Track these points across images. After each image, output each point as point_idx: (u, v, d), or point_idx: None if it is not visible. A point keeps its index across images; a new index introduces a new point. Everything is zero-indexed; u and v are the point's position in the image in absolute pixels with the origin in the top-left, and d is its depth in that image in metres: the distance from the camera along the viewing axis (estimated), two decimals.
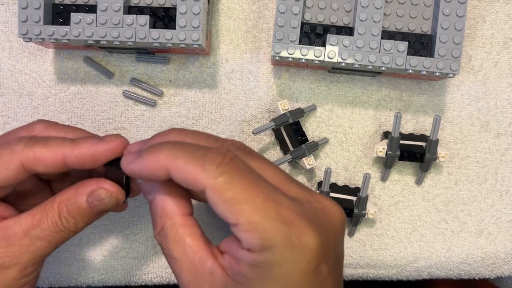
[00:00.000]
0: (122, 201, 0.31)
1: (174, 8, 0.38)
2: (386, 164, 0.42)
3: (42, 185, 0.34)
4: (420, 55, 0.38)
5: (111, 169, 0.30)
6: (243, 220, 0.25)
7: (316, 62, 0.38)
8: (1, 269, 0.29)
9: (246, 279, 0.26)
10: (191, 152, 0.26)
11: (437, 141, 0.41)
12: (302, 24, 0.38)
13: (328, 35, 0.37)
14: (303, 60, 0.38)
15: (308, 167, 0.40)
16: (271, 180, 0.28)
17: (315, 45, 0.38)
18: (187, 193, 0.29)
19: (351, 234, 0.43)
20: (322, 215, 0.28)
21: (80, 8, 0.38)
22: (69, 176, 0.35)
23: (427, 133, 0.43)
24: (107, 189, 0.30)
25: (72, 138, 0.30)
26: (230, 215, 0.25)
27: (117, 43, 0.37)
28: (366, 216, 0.41)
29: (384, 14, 0.39)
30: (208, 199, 0.26)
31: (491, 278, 0.46)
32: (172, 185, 0.28)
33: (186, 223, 0.28)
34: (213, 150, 0.26)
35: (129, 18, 0.37)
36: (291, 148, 0.41)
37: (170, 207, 0.28)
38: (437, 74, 0.38)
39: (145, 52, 0.42)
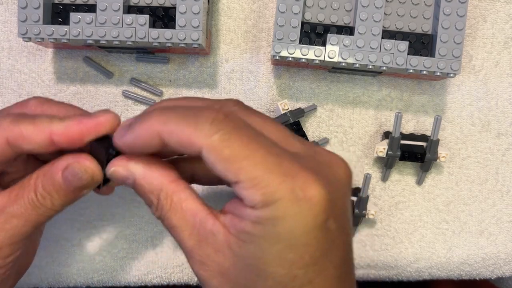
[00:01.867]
0: (98, 178, 0.29)
1: (173, 8, 0.38)
2: (386, 164, 0.42)
3: (38, 163, 0.32)
4: (421, 55, 0.38)
5: (95, 145, 0.29)
6: (243, 177, 0.24)
7: (317, 61, 0.37)
8: None
9: (250, 236, 0.25)
10: (181, 113, 0.25)
11: (437, 141, 0.40)
12: (302, 23, 0.38)
13: (329, 35, 0.37)
14: (303, 60, 0.38)
15: None
16: (271, 136, 0.27)
17: (316, 45, 0.38)
18: (167, 162, 0.28)
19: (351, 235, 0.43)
20: (327, 169, 0.27)
21: (79, 8, 0.38)
22: None
23: (428, 133, 0.43)
24: (82, 163, 0.28)
25: (60, 117, 0.29)
26: (230, 174, 0.24)
27: (117, 42, 0.37)
28: (366, 217, 0.41)
29: (385, 13, 0.38)
30: (205, 160, 0.24)
31: (492, 278, 0.46)
32: (149, 159, 0.28)
33: (178, 189, 0.27)
34: (205, 108, 0.25)
35: (129, 18, 0.37)
36: None
37: (156, 180, 0.27)
38: (438, 74, 0.37)
39: (144, 52, 0.42)
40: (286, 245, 0.24)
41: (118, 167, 0.28)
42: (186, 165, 0.31)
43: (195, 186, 0.30)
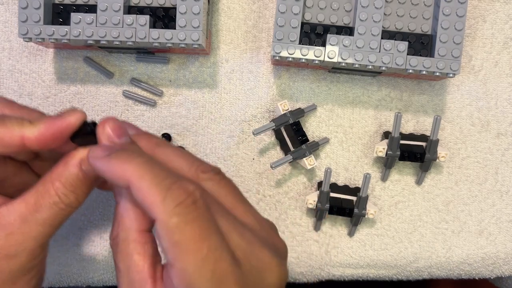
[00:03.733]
0: None
1: (174, 8, 0.38)
2: (386, 164, 0.42)
3: (18, 165, 0.33)
4: (420, 55, 0.38)
5: (83, 139, 0.29)
6: (178, 266, 0.25)
7: (316, 62, 0.38)
8: (9, 259, 0.29)
9: None
10: (158, 178, 0.26)
11: (437, 141, 0.41)
12: (302, 24, 0.38)
13: (328, 35, 0.37)
14: (303, 60, 0.38)
15: (309, 167, 0.40)
16: (226, 222, 0.28)
17: (315, 45, 0.38)
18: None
19: (351, 234, 0.43)
20: (257, 279, 0.28)
21: (80, 8, 0.38)
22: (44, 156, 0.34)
23: (427, 133, 0.43)
24: (94, 153, 0.29)
25: (29, 120, 0.29)
26: (169, 255, 0.25)
27: (117, 43, 0.37)
28: (366, 216, 0.41)
29: (384, 14, 0.39)
30: (156, 228, 0.26)
31: (491, 278, 0.46)
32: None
33: (139, 240, 0.28)
34: (180, 184, 0.26)
35: (129, 18, 0.37)
36: (291, 148, 0.41)
37: (128, 219, 0.28)
38: (437, 74, 0.38)
39: (145, 52, 0.42)
40: None
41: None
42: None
43: None
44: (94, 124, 0.29)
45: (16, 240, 0.29)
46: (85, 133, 0.29)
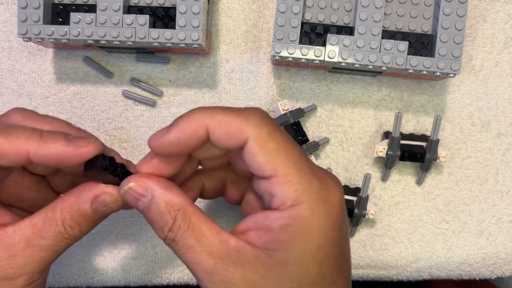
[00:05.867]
0: (124, 204, 0.30)
1: (174, 8, 0.38)
2: (386, 164, 0.42)
3: (36, 180, 0.33)
4: (421, 55, 0.38)
5: (96, 172, 0.29)
6: (280, 172, 0.26)
7: (317, 61, 0.37)
8: (7, 281, 0.28)
9: (280, 243, 0.26)
10: (228, 109, 0.27)
11: (437, 141, 0.40)
12: (302, 23, 0.38)
13: (329, 35, 0.37)
14: (303, 60, 0.38)
15: None
16: None
17: (316, 45, 0.38)
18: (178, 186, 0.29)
19: (351, 235, 0.43)
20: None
21: (79, 8, 0.38)
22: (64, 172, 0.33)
23: (428, 133, 0.43)
24: (111, 194, 0.29)
25: (41, 131, 0.28)
26: (269, 166, 0.26)
27: (117, 42, 0.37)
28: (366, 217, 0.41)
29: (385, 13, 0.38)
30: (248, 150, 0.26)
31: (492, 278, 0.46)
32: (166, 180, 0.28)
33: (196, 211, 0.28)
34: (249, 107, 0.27)
35: (129, 18, 0.37)
36: None
37: (176, 199, 0.28)
38: (438, 74, 0.38)
39: (144, 52, 0.42)
40: (316, 244, 0.26)
41: (136, 184, 0.28)
42: (197, 179, 0.32)
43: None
44: (110, 159, 0.28)
45: (17, 263, 0.28)
46: (99, 167, 0.28)
